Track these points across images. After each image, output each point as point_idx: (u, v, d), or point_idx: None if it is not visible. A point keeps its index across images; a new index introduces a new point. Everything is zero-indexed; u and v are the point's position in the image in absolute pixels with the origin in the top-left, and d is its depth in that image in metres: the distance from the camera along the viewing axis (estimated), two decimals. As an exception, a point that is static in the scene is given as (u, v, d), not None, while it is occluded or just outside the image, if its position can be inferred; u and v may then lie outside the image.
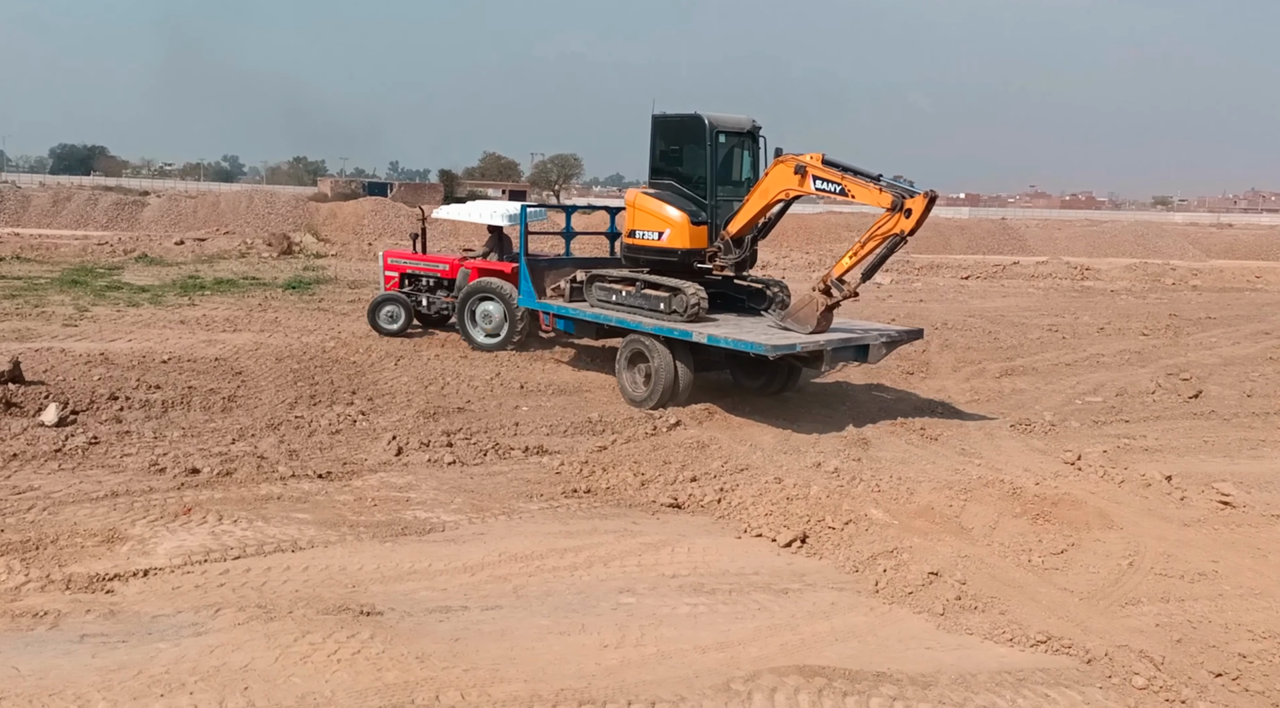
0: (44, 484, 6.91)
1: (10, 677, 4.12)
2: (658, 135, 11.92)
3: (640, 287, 11.56)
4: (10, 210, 37.16)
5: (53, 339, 12.33)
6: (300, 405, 9.97)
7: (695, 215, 11.46)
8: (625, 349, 11.25)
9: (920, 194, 10.00)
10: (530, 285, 12.77)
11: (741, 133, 11.75)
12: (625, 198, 12.54)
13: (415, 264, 15.14)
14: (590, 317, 11.95)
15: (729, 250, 11.48)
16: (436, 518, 6.73)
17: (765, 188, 11.04)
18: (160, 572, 5.45)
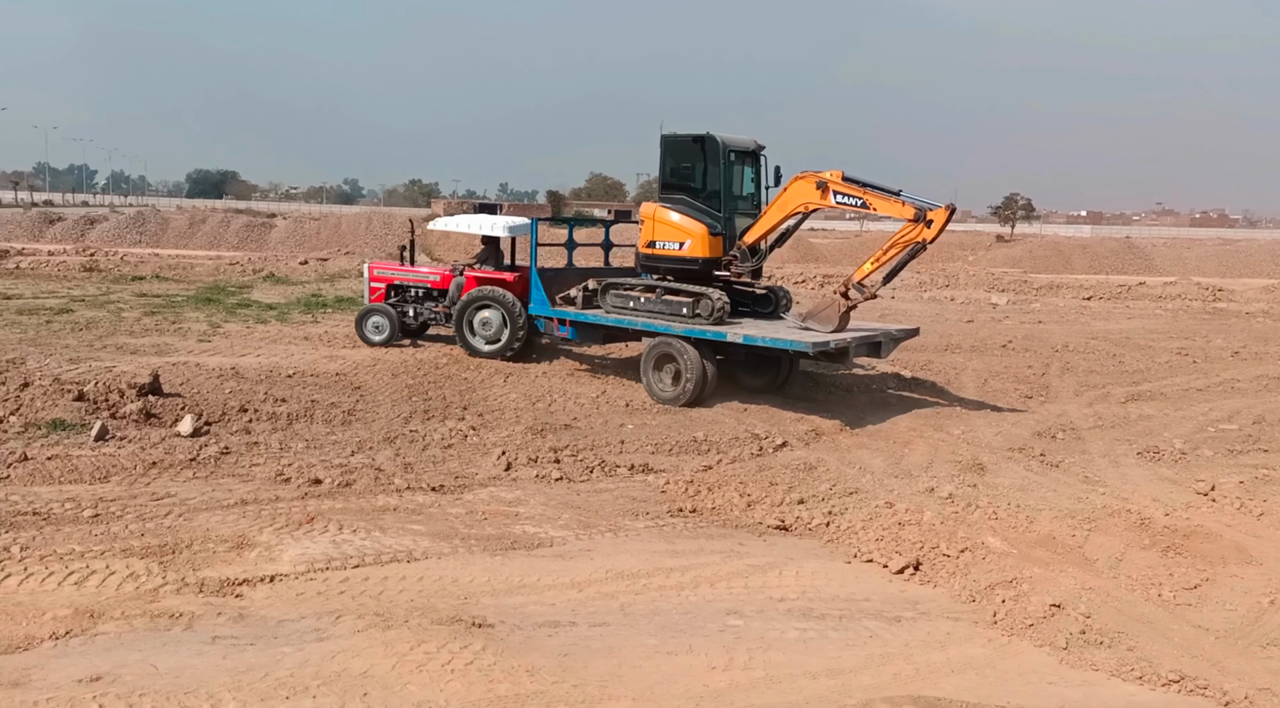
0: (180, 491, 7.30)
1: (149, 674, 4.36)
2: (668, 153, 12.84)
3: (661, 293, 12.36)
4: (151, 232, 39.66)
5: (188, 354, 13.03)
6: (415, 420, 10.28)
7: (713, 227, 12.37)
8: (651, 352, 11.98)
9: (942, 207, 11.02)
10: (543, 294, 13.28)
11: (746, 151, 12.84)
12: (642, 212, 13.20)
13: (403, 275, 15.28)
14: (612, 322, 12.66)
15: (745, 258, 12.45)
16: (545, 533, 6.83)
17: (784, 201, 12.07)
18: (285, 578, 5.68)
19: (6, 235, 37.26)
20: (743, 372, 12.70)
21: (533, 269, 13.45)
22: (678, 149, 12.80)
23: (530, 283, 13.44)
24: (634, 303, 12.62)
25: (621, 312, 12.69)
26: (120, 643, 4.71)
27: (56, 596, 5.24)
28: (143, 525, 6.44)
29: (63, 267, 24.92)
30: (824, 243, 45.91)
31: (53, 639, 4.68)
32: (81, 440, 8.51)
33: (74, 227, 40.03)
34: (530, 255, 13.61)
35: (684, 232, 12.50)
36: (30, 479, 7.37)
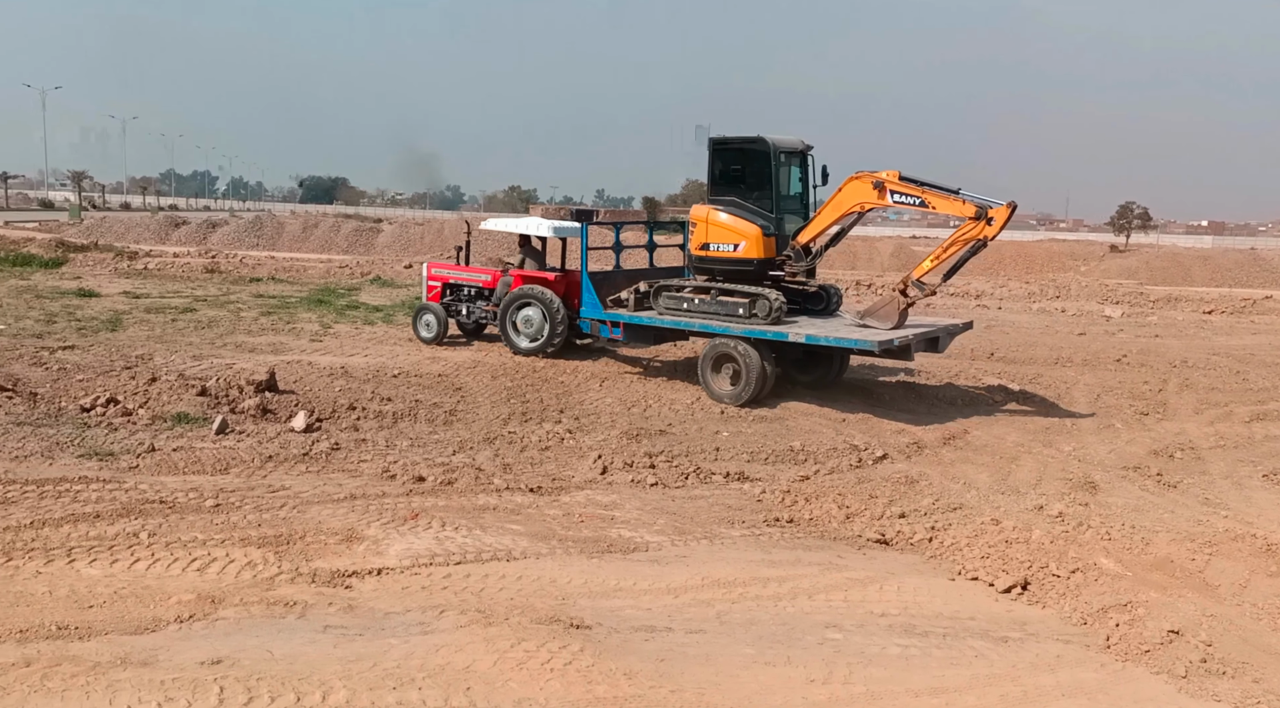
0: (294, 484, 7.61)
1: (266, 659, 4.55)
2: (717, 157, 13.01)
3: (716, 294, 12.46)
4: (268, 236, 41.47)
5: (301, 353, 13.57)
6: (513, 421, 10.46)
7: (766, 228, 12.53)
8: (710, 353, 12.11)
9: (1004, 205, 11.21)
10: (595, 297, 13.41)
11: (795, 152, 13.03)
12: (694, 214, 13.24)
13: (458, 275, 15.67)
14: (668, 324, 12.77)
15: (799, 258, 12.64)
16: (640, 538, 6.86)
17: (839, 201, 12.19)
18: (391, 572, 5.86)
19: (136, 238, 39.49)
20: (794, 369, 12.90)
21: (584, 272, 13.58)
22: (727, 153, 13.02)
23: (581, 286, 13.64)
24: (688, 304, 12.73)
25: (676, 313, 12.82)
26: (239, 628, 4.93)
27: (181, 581, 5.52)
28: (260, 516, 6.73)
29: (186, 268, 26.25)
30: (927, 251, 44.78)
31: (177, 622, 4.93)
32: (203, 433, 8.95)
33: (197, 230, 42.17)
34: (581, 258, 13.78)
35: (739, 233, 12.63)
36: (157, 469, 7.79)
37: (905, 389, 13.05)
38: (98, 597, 5.20)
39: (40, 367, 11.26)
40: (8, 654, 4.39)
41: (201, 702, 4.11)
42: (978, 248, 11.61)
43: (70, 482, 7.17)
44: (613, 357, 14.60)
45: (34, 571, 5.51)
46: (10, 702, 3.99)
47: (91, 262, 25.77)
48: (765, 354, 11.73)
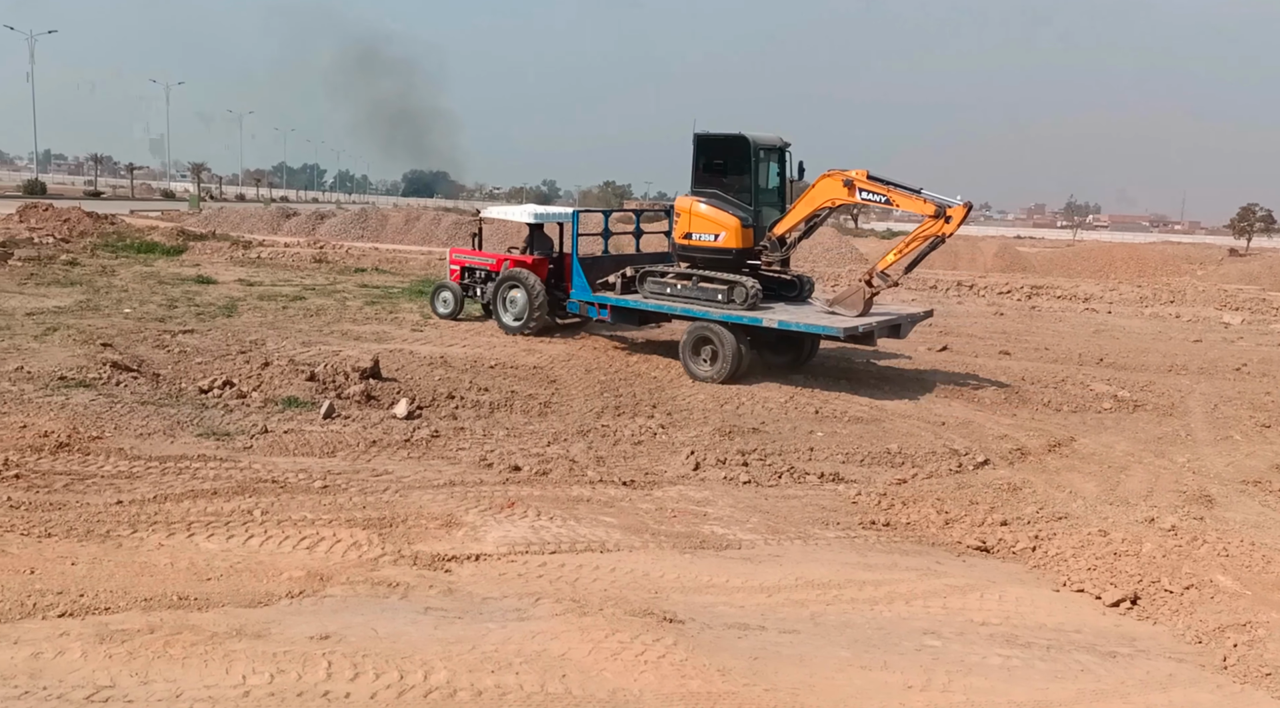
0: (396, 469, 7.84)
1: (370, 637, 4.71)
2: (700, 151, 13.81)
3: (697, 280, 13.36)
4: (372, 228, 42.70)
5: (403, 342, 13.96)
6: (606, 415, 10.55)
7: (744, 220, 13.40)
8: (690, 336, 12.94)
9: (961, 204, 12.12)
10: (584, 280, 14.31)
11: (774, 148, 13.90)
12: (678, 205, 14.10)
13: (472, 259, 17.14)
14: (651, 307, 13.68)
15: (775, 248, 13.54)
16: (733, 535, 6.84)
17: (812, 197, 13.00)
18: (489, 558, 5.98)
19: (250, 228, 41.19)
20: (768, 351, 13.66)
21: (574, 257, 14.49)
22: (710, 147, 13.78)
23: (570, 269, 14.64)
24: (671, 289, 13.56)
25: (659, 298, 13.67)
26: (345, 606, 5.11)
27: (291, 558, 5.75)
28: (364, 499, 6.95)
29: (296, 258, 27.28)
30: (1033, 252, 43.34)
31: (289, 598, 5.14)
32: (312, 417, 9.29)
33: (306, 222, 43.72)
34: (572, 244, 14.73)
35: (719, 224, 13.47)
36: (270, 450, 8.12)
37: (1009, 394, 12.66)
38: (215, 570, 5.46)
39: (163, 349, 11.87)
40: (134, 621, 4.65)
41: (310, 675, 4.28)
42: (936, 244, 12.50)
43: (190, 459, 7.54)
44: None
45: (157, 543, 5.83)
46: (137, 665, 4.23)
47: (209, 250, 27.01)
48: (741, 337, 12.53)
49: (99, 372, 10.14)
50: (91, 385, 9.71)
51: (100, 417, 8.53)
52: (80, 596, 4.90)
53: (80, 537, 5.78)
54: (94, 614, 4.72)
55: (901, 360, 15.11)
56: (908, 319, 13.53)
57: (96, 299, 15.85)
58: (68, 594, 4.91)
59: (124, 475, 7.03)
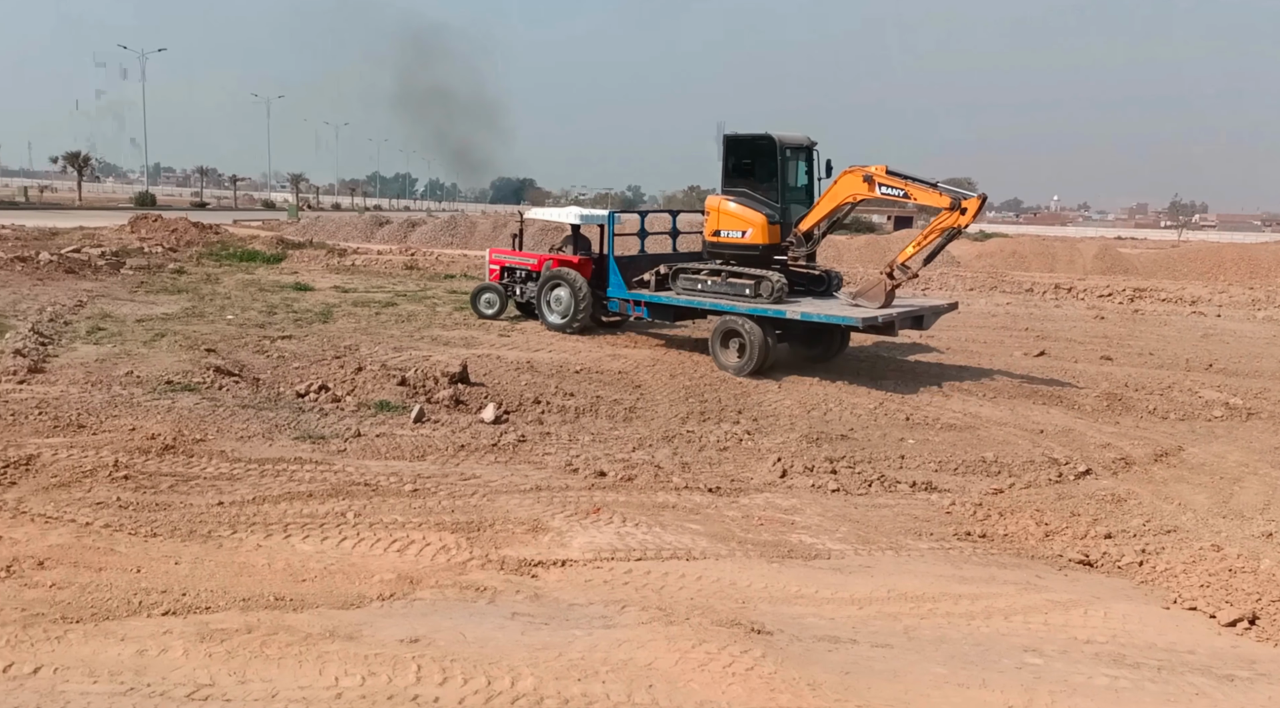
0: (484, 474, 7.92)
1: (459, 641, 4.74)
2: (729, 151, 14.36)
3: (726, 276, 13.86)
4: (461, 235, 43.54)
5: (490, 347, 14.15)
6: (691, 420, 10.48)
7: (771, 216, 13.90)
8: (719, 329, 13.45)
9: (975, 196, 12.47)
10: (620, 278, 14.96)
11: (801, 147, 14.37)
12: (707, 204, 14.66)
13: (513, 259, 17.49)
14: (683, 303, 14.22)
15: (800, 244, 13.95)
16: (822, 545, 6.69)
17: (835, 193, 13.45)
18: (574, 564, 5.98)
19: (345, 236, 42.46)
20: (800, 344, 14.29)
21: (610, 255, 15.14)
22: (739, 147, 14.32)
23: (608, 268, 15.24)
24: (701, 285, 14.12)
25: (691, 293, 14.21)
26: (434, 609, 5.17)
27: (382, 560, 5.85)
28: (453, 502, 7.04)
29: (388, 265, 27.99)
30: (1135, 253, 41.57)
31: (379, 600, 5.22)
32: (402, 421, 9.47)
33: (398, 229, 44.85)
34: (608, 243, 15.32)
35: (746, 221, 14.01)
36: (362, 453, 8.30)
37: (1111, 400, 12.13)
38: (310, 571, 5.58)
39: (262, 354, 12.29)
40: (233, 621, 4.78)
41: (401, 678, 4.33)
42: (953, 235, 13.01)
43: (287, 462, 7.76)
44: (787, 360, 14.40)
45: (255, 543, 5.99)
46: (235, 664, 4.35)
47: (306, 258, 27.91)
48: (768, 330, 13.05)
49: (203, 376, 10.54)
50: (196, 389, 10.10)
51: (204, 420, 8.86)
52: (183, 595, 5.07)
53: (184, 537, 5.99)
54: (195, 613, 4.88)
55: (996, 366, 14.65)
56: (930, 311, 14.06)
57: (201, 306, 16.52)
58: (171, 593, 5.08)
59: (225, 477, 7.27)
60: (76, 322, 13.78)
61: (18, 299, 15.37)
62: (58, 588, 5.00)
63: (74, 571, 5.26)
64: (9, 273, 18.61)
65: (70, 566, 5.32)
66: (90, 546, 5.64)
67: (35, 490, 6.55)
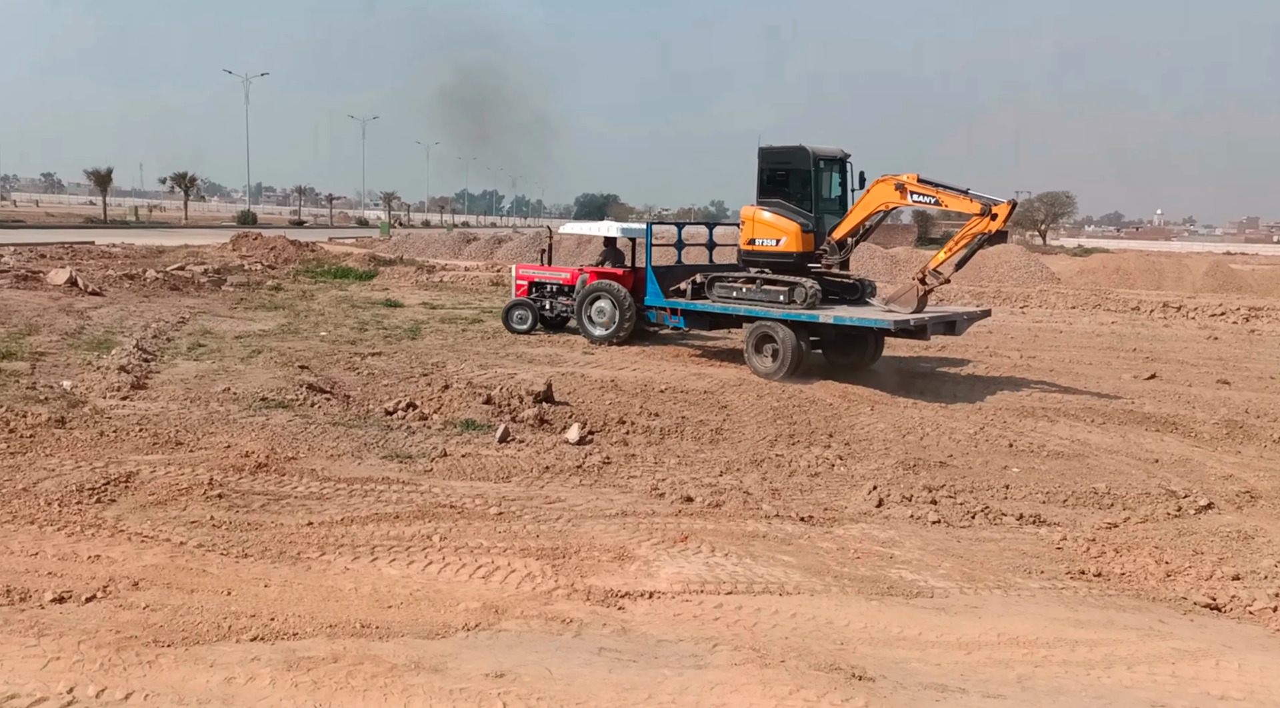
0: (568, 497, 7.78)
1: (544, 678, 4.58)
2: (764, 162, 14.77)
3: (760, 283, 14.40)
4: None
5: (574, 365, 14.10)
6: (780, 444, 10.18)
7: (805, 225, 14.32)
8: (753, 335, 14.04)
9: (1005, 202, 12.81)
10: (657, 287, 15.49)
11: (834, 159, 14.78)
12: (742, 214, 15.05)
13: (542, 274, 17.77)
14: (719, 309, 14.75)
15: (834, 252, 14.33)
16: (924, 581, 6.33)
17: (867, 201, 13.87)
18: (663, 596, 5.77)
19: (434, 253, 43.29)
20: (834, 352, 14.69)
21: (648, 266, 15.66)
22: (774, 158, 14.75)
23: (645, 278, 15.71)
24: (737, 293, 14.63)
25: (726, 300, 14.72)
26: (520, 642, 5.02)
27: (468, 587, 5.74)
28: (538, 527, 6.91)
29: (475, 281, 28.38)
30: (1248, 269, 39.44)
31: (465, 630, 5.10)
32: (488, 441, 9.42)
33: (485, 246, 45.57)
34: (646, 254, 15.89)
35: (780, 230, 14.42)
36: (448, 473, 8.26)
37: (1231, 428, 11.37)
38: (396, 597, 5.51)
39: (353, 371, 12.47)
40: (319, 649, 4.71)
41: (485, 715, 4.18)
42: (984, 240, 13.15)
43: (375, 482, 7.76)
44: (879, 381, 13.97)
45: (343, 566, 5.96)
46: (321, 696, 4.27)
47: (397, 275, 28.49)
48: (801, 335, 13.57)
49: (296, 393, 10.72)
50: (289, 406, 10.25)
51: (296, 437, 8.96)
52: (271, 620, 5.03)
53: (273, 558, 5.99)
54: (283, 639, 4.83)
55: (1104, 389, 13.94)
56: (963, 317, 14.41)
57: (296, 323, 16.92)
58: (260, 618, 5.05)
59: (315, 497, 7.30)
60: (178, 338, 14.24)
61: (125, 315, 15.98)
62: (151, 610, 5.02)
63: (167, 592, 5.29)
64: (118, 290, 19.42)
65: (164, 587, 5.35)
66: (184, 566, 5.68)
67: (133, 508, 6.67)
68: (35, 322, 14.48)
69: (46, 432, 8.38)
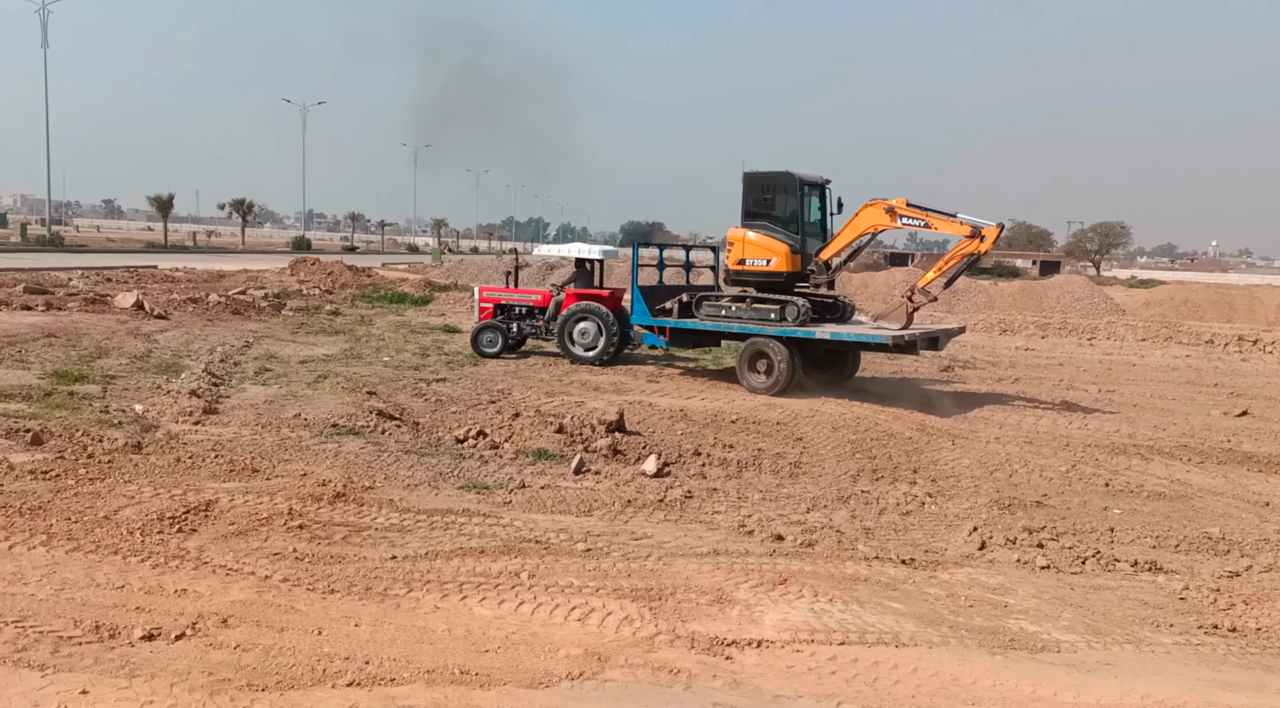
0: (655, 533, 7.45)
1: (662, 734, 4.24)
2: (749, 187, 15.33)
3: (751, 302, 14.93)
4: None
5: (641, 393, 13.80)
6: (863, 479, 9.79)
7: (794, 247, 14.96)
8: (746, 352, 14.53)
9: (994, 225, 13.65)
10: (644, 306, 15.78)
11: (816, 184, 15.45)
12: (730, 235, 15.49)
13: (510, 296, 17.64)
14: (710, 327, 15.29)
15: (822, 272, 15.14)
16: (1047, 634, 5.90)
17: (856, 224, 14.57)
18: (771, 645, 5.41)
19: (486, 279, 43.40)
20: (813, 368, 14.91)
21: (634, 286, 16.00)
22: (759, 183, 15.33)
23: (632, 297, 16.05)
24: (726, 311, 15.17)
25: (716, 319, 15.22)
26: (628, 693, 4.69)
27: (565, 631, 5.43)
28: (628, 565, 6.59)
29: (529, 308, 28.25)
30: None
31: (569, 679, 4.79)
32: (562, 471, 9.15)
33: (536, 272, 45.58)
34: (632, 276, 16.32)
35: (771, 250, 14.99)
36: (528, 506, 7.98)
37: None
38: (492, 640, 5.21)
39: (420, 398, 12.29)
40: (420, 698, 4.43)
41: (604, 778, 3.86)
42: (972, 261, 14.22)
43: (455, 514, 7.50)
44: (953, 413, 13.50)
45: (432, 605, 5.68)
46: (429, 752, 3.98)
47: (452, 300, 28.48)
48: (794, 351, 14.14)
49: (366, 420, 10.55)
50: (360, 433, 10.08)
51: (370, 466, 8.76)
52: (366, 663, 4.77)
53: (360, 595, 5.74)
54: (380, 685, 4.55)
55: (1194, 426, 13.33)
56: (944, 334, 15.40)
57: (358, 347, 16.86)
58: (354, 660, 4.79)
59: (396, 529, 7.06)
60: (244, 362, 14.21)
61: (190, 339, 16.04)
62: (242, 650, 4.78)
63: (257, 630, 5.05)
64: (182, 314, 19.58)
65: (253, 625, 5.11)
66: (271, 602, 5.44)
67: (215, 538, 6.47)
68: (104, 344, 14.55)
69: (124, 457, 8.27)
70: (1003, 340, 25.41)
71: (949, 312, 32.43)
